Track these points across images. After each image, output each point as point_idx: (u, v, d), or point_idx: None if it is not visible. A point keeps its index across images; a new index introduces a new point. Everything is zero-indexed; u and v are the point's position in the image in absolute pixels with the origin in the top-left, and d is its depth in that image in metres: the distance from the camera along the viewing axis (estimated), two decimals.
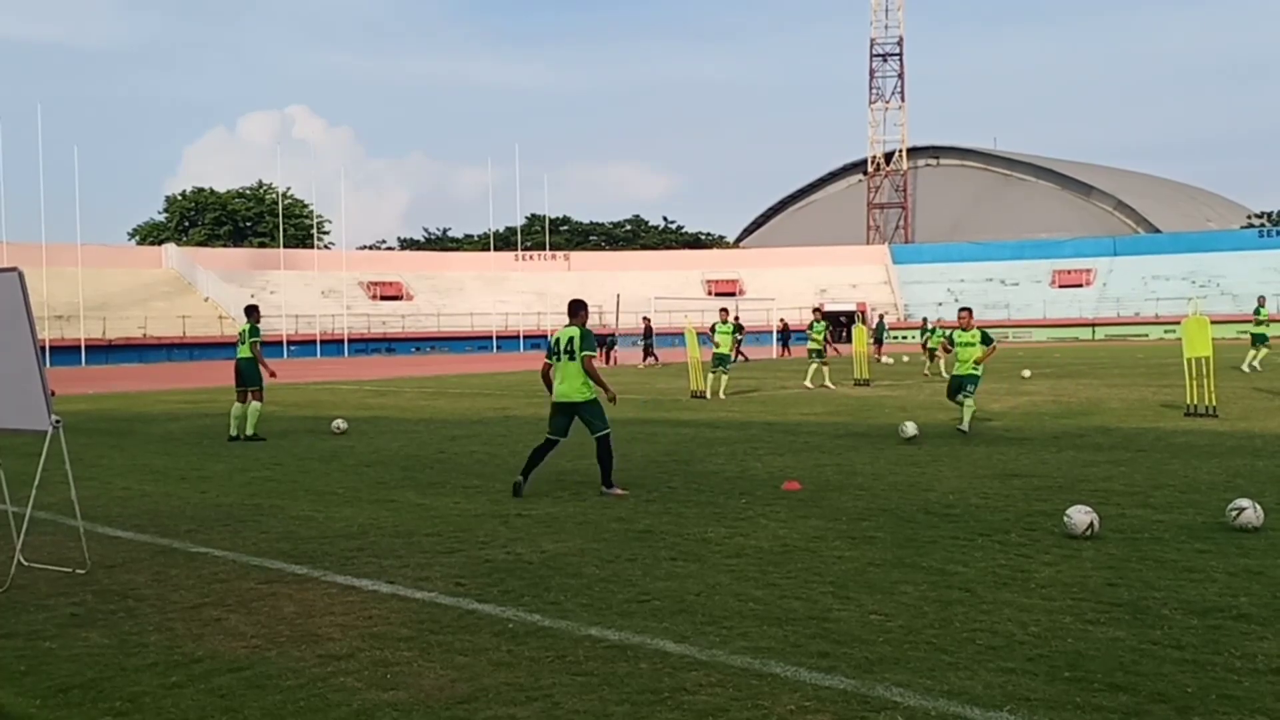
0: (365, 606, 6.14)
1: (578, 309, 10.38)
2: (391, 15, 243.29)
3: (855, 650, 5.13)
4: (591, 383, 10.07)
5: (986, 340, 15.35)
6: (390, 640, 5.45)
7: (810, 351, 26.14)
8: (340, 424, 16.51)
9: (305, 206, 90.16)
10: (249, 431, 15.60)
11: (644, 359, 43.04)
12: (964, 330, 15.48)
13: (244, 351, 16.14)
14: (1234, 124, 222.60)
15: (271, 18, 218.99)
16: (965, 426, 14.55)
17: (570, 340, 10.04)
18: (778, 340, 51.97)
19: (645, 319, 45.75)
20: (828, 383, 25.37)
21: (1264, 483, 9.81)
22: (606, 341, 45.57)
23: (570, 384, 10.04)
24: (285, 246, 74.57)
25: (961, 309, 16.23)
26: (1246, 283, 73.52)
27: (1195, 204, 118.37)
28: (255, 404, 15.86)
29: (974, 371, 15.07)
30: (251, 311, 16.55)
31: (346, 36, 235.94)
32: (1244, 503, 7.81)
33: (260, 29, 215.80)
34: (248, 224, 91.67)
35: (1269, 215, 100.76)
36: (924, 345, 33.72)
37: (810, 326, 26.91)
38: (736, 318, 26.69)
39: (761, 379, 29.10)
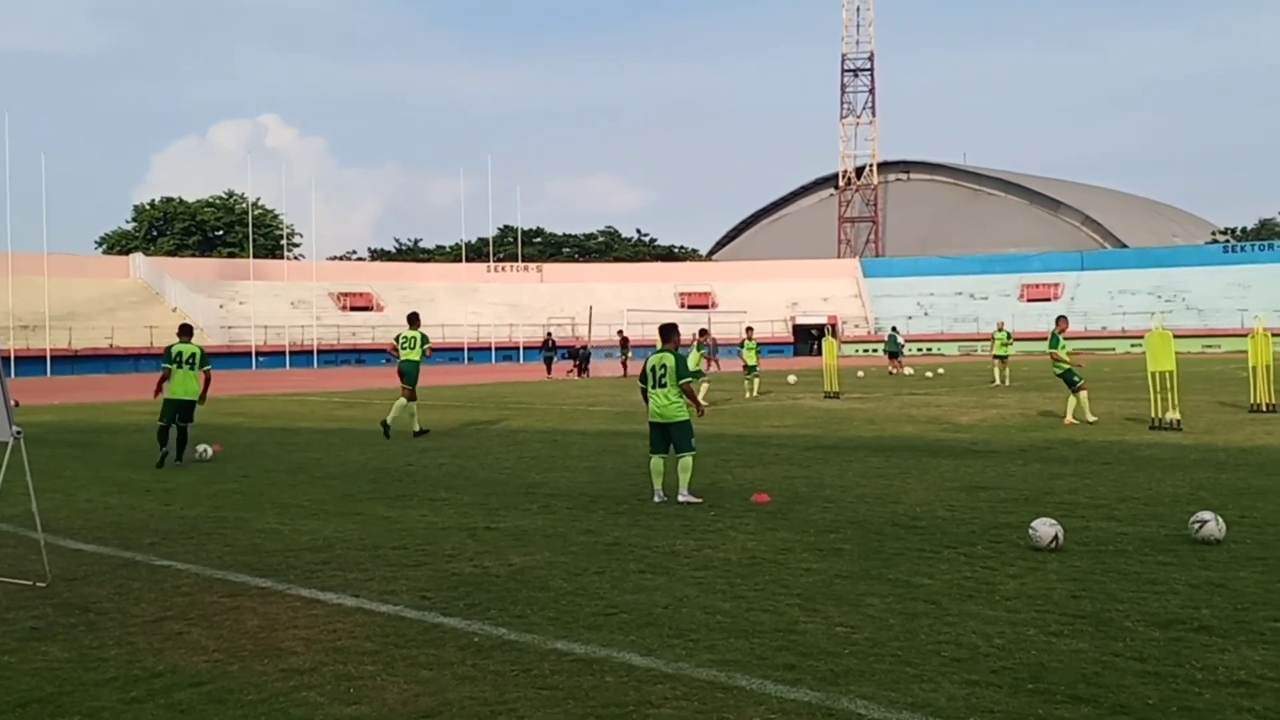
0: (329, 620, 6.09)
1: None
2: (365, 25, 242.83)
3: (821, 663, 5.14)
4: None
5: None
6: (354, 654, 5.41)
7: (746, 367, 28.21)
8: (206, 449, 14.76)
9: (275, 216, 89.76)
10: (415, 428, 17.27)
11: (580, 372, 43.49)
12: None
13: (414, 355, 17.75)
14: (1200, 141, 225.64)
15: (244, 26, 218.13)
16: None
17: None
18: (620, 354, 46.98)
19: (620, 332, 45.85)
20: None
21: (1227, 495, 9.91)
22: (579, 354, 45.59)
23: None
24: (255, 257, 74.17)
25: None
26: (1211, 298, 74.56)
27: (1161, 219, 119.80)
28: (409, 403, 17.37)
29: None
30: (416, 318, 18.50)
31: (320, 45, 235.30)
32: (1206, 515, 7.88)
33: (232, 37, 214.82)
34: (217, 234, 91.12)
35: (1233, 231, 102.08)
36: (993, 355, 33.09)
37: (742, 344, 29.17)
38: (704, 331, 28.02)
39: (733, 390, 29.15)
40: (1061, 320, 18.98)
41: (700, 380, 23.81)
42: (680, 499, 10.04)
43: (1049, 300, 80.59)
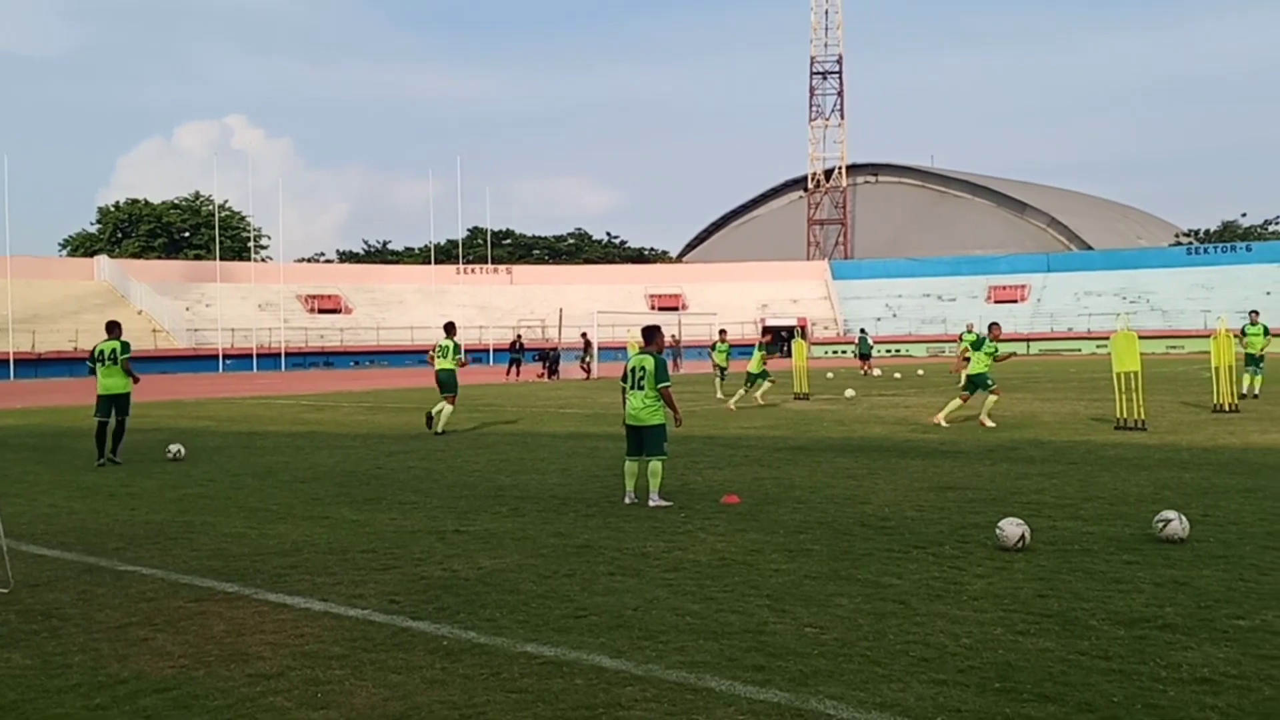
0: (297, 624, 6.05)
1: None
2: (332, 25, 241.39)
3: (790, 663, 5.16)
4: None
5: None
6: (322, 659, 5.38)
7: (716, 368, 28.52)
8: (179, 449, 15.03)
9: (242, 218, 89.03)
10: (439, 429, 17.85)
11: (549, 375, 43.45)
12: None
13: (449, 364, 18.46)
14: (1163, 144, 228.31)
15: (209, 26, 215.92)
16: None
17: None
18: (509, 361, 46.17)
19: (584, 334, 45.82)
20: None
21: (1190, 495, 10.03)
22: (549, 356, 45.49)
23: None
24: (221, 259, 73.54)
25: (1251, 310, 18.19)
26: (1175, 299, 75.41)
27: (1126, 222, 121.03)
28: (449, 407, 18.16)
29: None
30: (452, 327, 19.04)
31: (286, 46, 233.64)
32: (1170, 515, 7.97)
33: (198, 37, 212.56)
34: (183, 236, 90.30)
35: (1196, 233, 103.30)
36: None
37: (713, 347, 29.33)
38: (723, 332, 30.56)
39: (704, 392, 29.18)
40: (995, 326, 19.14)
41: (765, 380, 24.60)
42: (650, 503, 10.03)
43: (1016, 302, 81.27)
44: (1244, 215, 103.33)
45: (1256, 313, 24.12)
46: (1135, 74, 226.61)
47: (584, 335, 45.98)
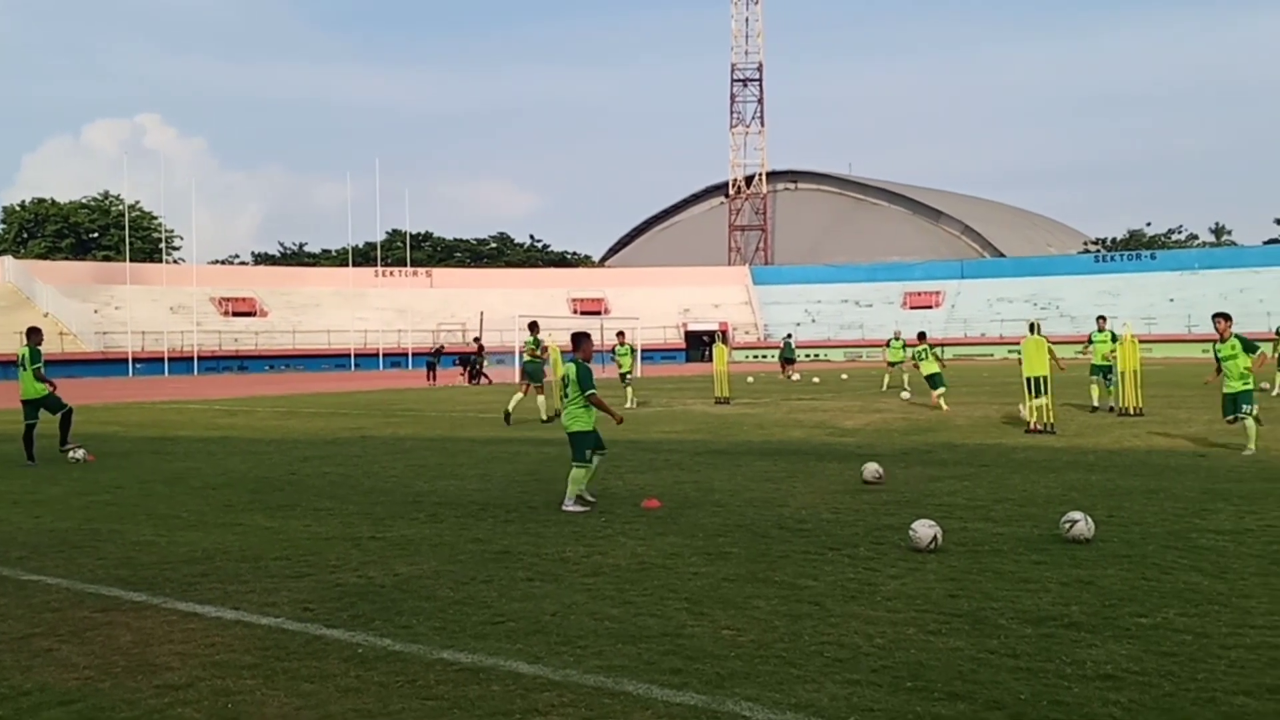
0: (207, 634, 5.92)
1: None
2: (249, 24, 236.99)
3: (707, 666, 5.19)
4: (582, 414, 10.25)
5: (1250, 349, 14.06)
6: (233, 668, 5.27)
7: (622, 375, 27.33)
8: (81, 453, 14.88)
9: (154, 219, 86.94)
10: (544, 416, 20.34)
11: (470, 379, 43.20)
12: (1222, 341, 14.12)
13: (532, 361, 21.20)
14: (1073, 155, 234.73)
15: (122, 22, 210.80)
16: (1252, 448, 13.51)
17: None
18: (428, 365, 46.17)
19: (477, 339, 45.93)
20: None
21: (1096, 496, 10.31)
22: (471, 360, 45.16)
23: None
24: (132, 260, 71.76)
25: (1216, 315, 14.42)
26: (1083, 305, 77.38)
27: (1037, 230, 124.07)
28: (520, 395, 20.75)
29: (1247, 386, 13.92)
30: (535, 326, 21.55)
31: (201, 44, 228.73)
32: (1076, 515, 8.19)
33: (108, 33, 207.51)
34: (92, 236, 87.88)
35: (1104, 241, 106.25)
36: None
37: (614, 350, 28.12)
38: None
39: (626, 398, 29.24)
40: (922, 335, 19.86)
41: (941, 384, 22.26)
42: (564, 507, 10.02)
43: (931, 308, 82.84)
44: (1149, 224, 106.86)
45: (1104, 318, 22.73)
46: (1046, 87, 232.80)
47: (477, 340, 46.11)
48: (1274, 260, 79.20)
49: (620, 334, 28.68)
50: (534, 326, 21.68)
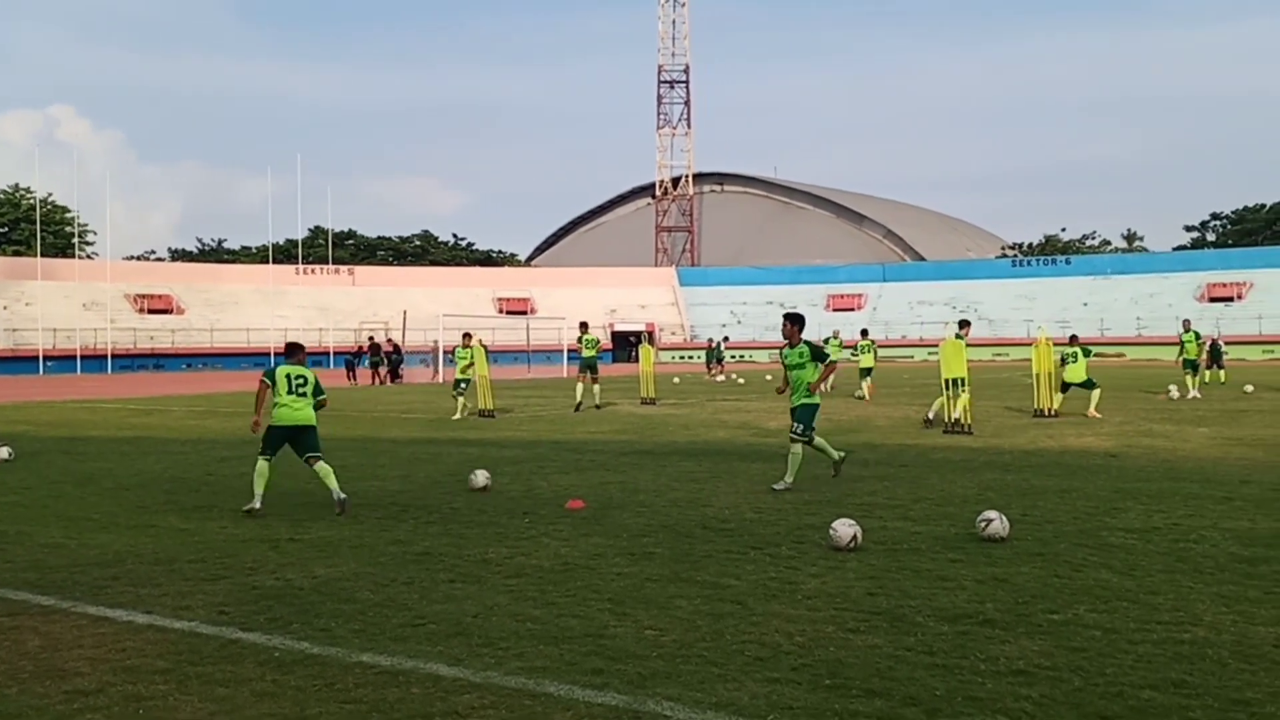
0: (118, 638, 5.78)
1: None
2: (167, 14, 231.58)
3: (629, 666, 5.19)
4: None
5: (820, 356, 11.71)
6: (145, 673, 5.15)
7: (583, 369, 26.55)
8: (7, 451, 14.64)
9: (66, 213, 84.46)
10: (598, 403, 24.11)
11: (392, 378, 42.94)
12: (791, 347, 11.69)
13: (591, 353, 24.13)
14: (992, 161, 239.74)
15: (34, 10, 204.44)
16: (789, 480, 11.32)
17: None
18: (348, 364, 46.18)
19: (370, 338, 46.09)
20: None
21: (1011, 495, 10.53)
22: (392, 359, 44.65)
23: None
24: (43, 255, 69.67)
25: (788, 315, 11.90)
26: (1001, 309, 79.09)
27: (957, 234, 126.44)
28: (596, 386, 24.05)
29: (812, 401, 11.59)
30: (585, 326, 25.49)
31: (117, 35, 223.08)
32: (992, 514, 8.36)
33: (18, 22, 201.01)
34: (1, 231, 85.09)
35: (1021, 246, 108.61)
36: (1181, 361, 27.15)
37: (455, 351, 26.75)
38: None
39: (552, 397, 29.16)
40: (865, 332, 20.09)
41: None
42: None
43: (853, 310, 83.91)
44: (1064, 230, 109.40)
45: (967, 324, 19.87)
46: (966, 95, 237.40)
47: (371, 339, 46.10)
48: (1183, 266, 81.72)
49: (466, 335, 24.44)
50: (584, 326, 25.47)
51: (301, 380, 10.51)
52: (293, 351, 10.90)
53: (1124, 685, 4.85)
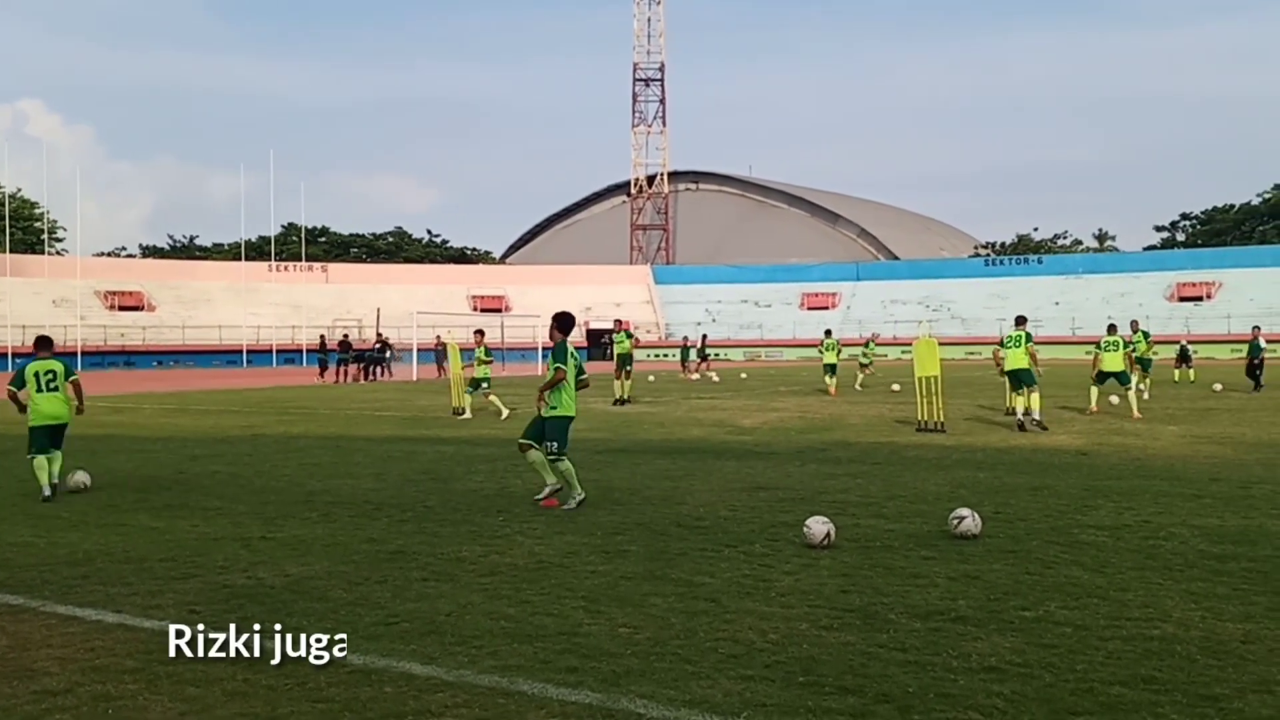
0: (87, 638, 5.72)
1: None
2: (140, 9, 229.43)
3: (603, 664, 5.19)
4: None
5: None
6: (114, 673, 5.10)
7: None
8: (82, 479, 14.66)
9: (35, 208, 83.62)
10: (626, 395, 25.34)
11: (366, 376, 42.76)
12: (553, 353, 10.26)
13: (625, 348, 25.91)
14: (965, 161, 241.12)
15: (4, 3, 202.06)
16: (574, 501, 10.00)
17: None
18: (320, 362, 44.31)
19: (345, 335, 46.03)
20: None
21: (983, 493, 10.60)
22: (366, 357, 44.42)
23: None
24: (11, 251, 68.96)
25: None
26: (974, 308, 79.61)
27: (930, 234, 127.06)
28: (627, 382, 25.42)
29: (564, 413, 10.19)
30: (619, 324, 28.00)
31: (87, 28, 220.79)
32: (964, 512, 8.40)
33: None
34: None
35: (993, 245, 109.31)
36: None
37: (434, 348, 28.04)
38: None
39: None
40: (828, 332, 20.15)
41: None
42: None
43: (828, 309, 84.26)
44: (1036, 229, 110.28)
45: (1023, 320, 19.13)
46: (940, 94, 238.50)
47: (322, 338, 46.16)
48: (1153, 266, 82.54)
49: (458, 332, 26.45)
50: (618, 324, 27.94)
51: (50, 375, 10.97)
52: (41, 346, 11.26)
53: (1094, 681, 4.89)
